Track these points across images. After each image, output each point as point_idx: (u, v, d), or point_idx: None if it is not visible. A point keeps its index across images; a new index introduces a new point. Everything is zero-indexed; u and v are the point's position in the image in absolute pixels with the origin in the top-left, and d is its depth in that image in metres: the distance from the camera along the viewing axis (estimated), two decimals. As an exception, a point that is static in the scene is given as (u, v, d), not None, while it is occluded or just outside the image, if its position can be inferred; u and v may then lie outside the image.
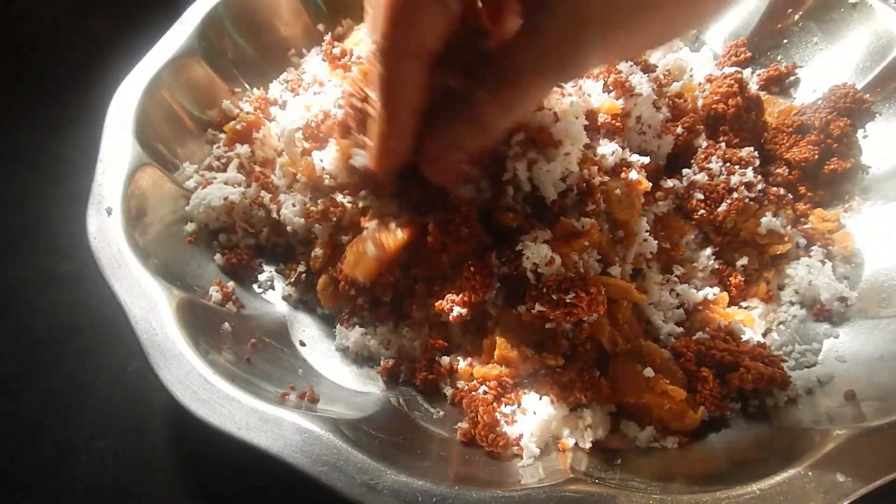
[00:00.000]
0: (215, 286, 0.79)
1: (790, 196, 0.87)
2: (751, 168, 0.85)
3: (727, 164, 0.86)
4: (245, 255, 0.85)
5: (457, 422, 0.72)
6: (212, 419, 0.60)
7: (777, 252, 0.83)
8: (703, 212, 0.83)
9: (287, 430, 0.59)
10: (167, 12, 0.98)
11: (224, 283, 0.81)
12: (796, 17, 1.06)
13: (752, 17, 1.10)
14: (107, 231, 0.73)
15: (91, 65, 1.18)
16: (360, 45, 0.94)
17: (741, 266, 0.83)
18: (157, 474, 0.78)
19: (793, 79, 1.04)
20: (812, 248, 0.85)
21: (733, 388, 0.71)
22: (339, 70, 0.88)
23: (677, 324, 0.79)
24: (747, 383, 0.70)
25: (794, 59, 1.05)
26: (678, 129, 0.88)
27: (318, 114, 0.82)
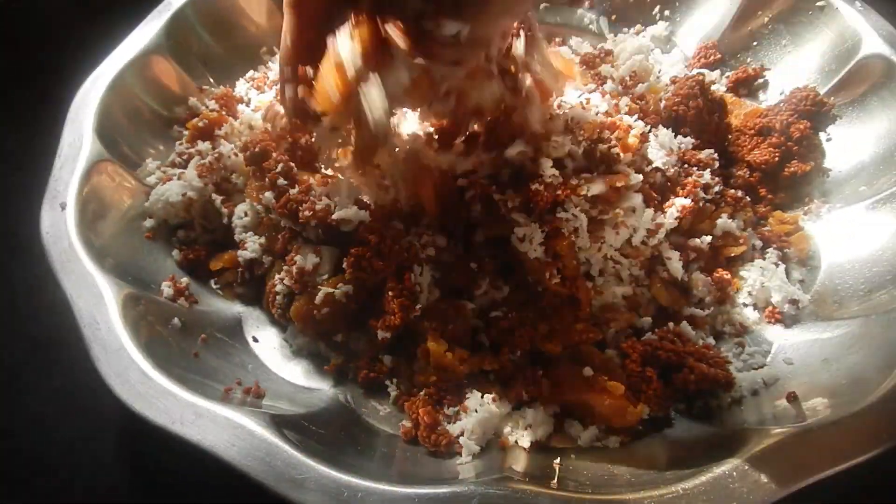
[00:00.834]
0: (168, 282, 0.79)
1: (748, 198, 0.87)
2: (708, 170, 0.86)
3: (685, 166, 0.86)
4: (203, 251, 0.85)
5: (402, 419, 0.72)
6: (147, 413, 0.60)
7: (732, 254, 0.83)
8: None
9: (221, 425, 0.59)
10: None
11: (178, 278, 0.81)
12: (766, 19, 1.06)
13: (723, 20, 1.10)
14: (59, 226, 0.74)
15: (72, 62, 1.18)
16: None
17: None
18: (157, 474, 0.77)
19: (761, 81, 1.04)
20: (767, 250, 0.85)
21: (677, 389, 0.71)
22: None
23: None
24: (691, 384, 0.70)
25: (764, 61, 1.05)
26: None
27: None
